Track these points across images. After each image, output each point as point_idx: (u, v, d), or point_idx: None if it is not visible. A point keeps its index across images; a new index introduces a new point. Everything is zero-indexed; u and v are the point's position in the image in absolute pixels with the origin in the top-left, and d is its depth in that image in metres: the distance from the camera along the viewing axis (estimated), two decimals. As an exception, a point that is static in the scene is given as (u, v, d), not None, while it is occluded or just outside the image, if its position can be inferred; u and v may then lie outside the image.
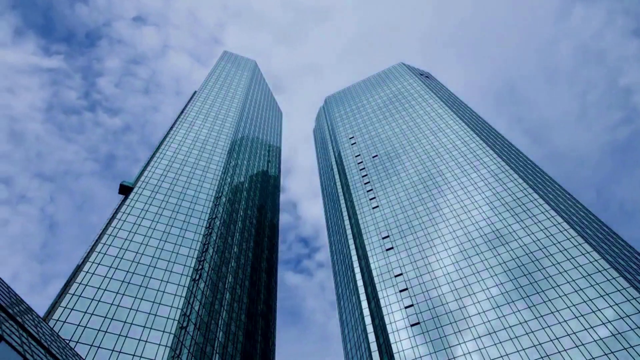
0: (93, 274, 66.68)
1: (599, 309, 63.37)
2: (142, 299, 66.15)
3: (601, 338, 59.84)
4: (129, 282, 67.92)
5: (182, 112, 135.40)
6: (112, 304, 63.16)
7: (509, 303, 71.20)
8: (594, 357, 58.10)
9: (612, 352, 57.58)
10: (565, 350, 60.57)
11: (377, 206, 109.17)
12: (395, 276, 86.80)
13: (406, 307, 79.24)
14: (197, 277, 75.59)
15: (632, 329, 59.03)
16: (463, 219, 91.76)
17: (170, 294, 68.98)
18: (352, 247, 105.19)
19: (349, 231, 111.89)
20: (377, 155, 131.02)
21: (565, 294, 67.72)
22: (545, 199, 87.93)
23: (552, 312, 66.32)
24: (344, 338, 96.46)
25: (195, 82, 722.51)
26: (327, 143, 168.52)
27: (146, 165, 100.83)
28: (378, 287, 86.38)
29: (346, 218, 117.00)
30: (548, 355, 61.40)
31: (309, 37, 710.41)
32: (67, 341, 54.91)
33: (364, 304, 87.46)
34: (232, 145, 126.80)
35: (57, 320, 57.46)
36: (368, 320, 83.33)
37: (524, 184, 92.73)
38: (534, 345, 63.46)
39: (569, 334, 62.27)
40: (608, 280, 66.46)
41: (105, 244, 73.12)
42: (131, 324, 61.54)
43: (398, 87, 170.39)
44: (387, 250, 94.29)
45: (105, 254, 71.10)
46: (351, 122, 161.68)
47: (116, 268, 69.43)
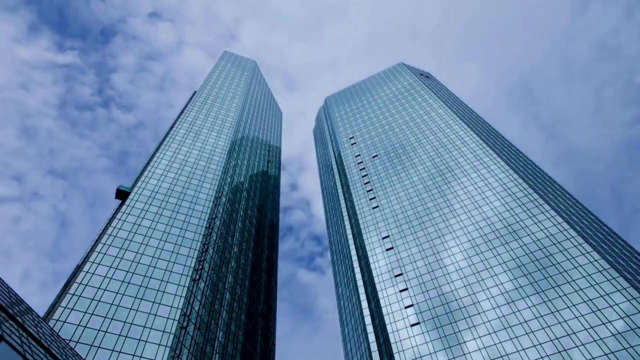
0: (93, 274, 66.69)
1: (599, 309, 63.40)
2: (142, 299, 66.17)
3: (601, 338, 59.86)
4: (129, 282, 67.93)
5: (182, 112, 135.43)
6: (112, 304, 63.17)
7: (508, 303, 71.25)
8: (593, 357, 58.12)
9: (612, 352, 57.60)
10: (565, 350, 60.61)
11: (377, 206, 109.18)
12: (395, 276, 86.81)
13: (406, 307, 79.26)
14: (197, 277, 75.60)
15: (632, 329, 59.04)
16: (463, 219, 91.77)
17: (170, 294, 68.99)
18: (352, 247, 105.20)
19: (349, 231, 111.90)
20: (377, 155, 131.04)
21: (565, 294, 67.74)
22: (545, 199, 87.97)
23: (552, 312, 66.36)
24: (344, 338, 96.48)
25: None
26: (327, 143, 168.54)
27: (146, 165, 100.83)
28: (378, 287, 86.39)
29: (346, 218, 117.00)
30: (548, 355, 61.47)
31: (325, 34, 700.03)
32: (67, 341, 54.92)
33: (364, 304, 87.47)
34: (232, 145, 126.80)
35: (57, 320, 57.47)
36: (368, 320, 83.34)
37: (523, 184, 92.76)
38: (534, 346, 63.52)
39: (568, 334, 62.30)
40: (608, 280, 66.48)
41: (105, 244, 73.13)
42: (131, 324, 61.55)
43: (398, 87, 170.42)
44: (387, 250, 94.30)
45: (105, 254, 71.11)
46: (351, 122, 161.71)
47: (116, 268, 69.44)
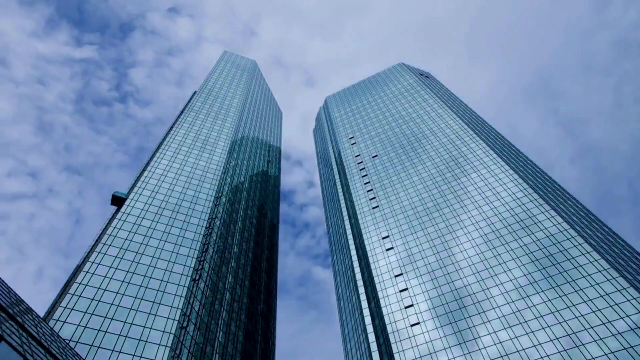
0: (93, 274, 66.68)
1: (599, 309, 63.40)
2: (142, 299, 66.16)
3: (601, 338, 59.85)
4: (129, 282, 67.93)
5: (182, 112, 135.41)
6: (112, 304, 63.16)
7: (512, 302, 71.25)
8: (594, 357, 58.12)
9: (612, 352, 57.60)
10: (566, 350, 60.61)
11: (377, 206, 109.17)
12: (395, 276, 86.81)
13: (406, 307, 79.26)
14: (197, 277, 75.59)
15: (632, 329, 59.04)
16: (463, 219, 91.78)
17: (170, 294, 68.98)
18: (352, 247, 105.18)
19: (349, 231, 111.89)
20: (377, 155, 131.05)
21: (565, 294, 67.75)
22: (545, 199, 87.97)
23: (552, 312, 66.37)
24: (344, 338, 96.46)
25: None
26: (327, 143, 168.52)
27: (146, 165, 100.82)
28: (378, 287, 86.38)
29: (346, 218, 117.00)
30: (548, 355, 61.48)
31: (344, 30, 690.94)
32: (67, 341, 54.91)
33: (364, 304, 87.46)
34: (232, 145, 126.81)
35: (57, 320, 57.46)
36: (368, 320, 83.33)
37: (523, 184, 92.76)
38: (534, 346, 63.52)
39: (568, 334, 62.30)
40: (608, 280, 66.48)
41: (105, 244, 73.12)
42: (131, 324, 61.55)
43: (398, 87, 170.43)
44: (387, 250, 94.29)
45: (105, 254, 71.10)
46: (351, 122, 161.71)
47: (116, 268, 69.43)
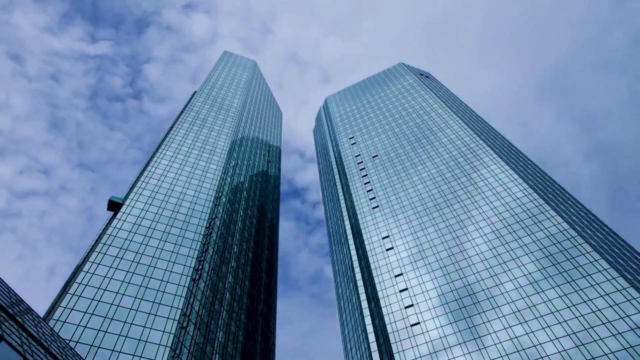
0: (93, 274, 66.69)
1: (599, 309, 63.39)
2: (142, 299, 66.17)
3: (601, 338, 59.86)
4: (129, 282, 67.93)
5: (182, 112, 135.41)
6: (112, 304, 63.17)
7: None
8: (593, 357, 58.13)
9: (612, 352, 57.61)
10: (566, 350, 60.62)
11: (377, 206, 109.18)
12: (395, 276, 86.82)
13: (406, 307, 79.26)
14: (197, 277, 75.59)
15: (632, 329, 59.04)
16: (463, 219, 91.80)
17: (170, 294, 68.99)
18: (352, 247, 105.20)
19: (349, 231, 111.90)
20: (377, 155, 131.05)
21: (565, 294, 67.75)
22: (545, 199, 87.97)
23: (552, 312, 66.36)
24: (344, 338, 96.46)
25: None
26: (327, 143, 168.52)
27: (146, 165, 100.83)
28: (378, 287, 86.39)
29: (346, 218, 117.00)
30: (548, 355, 61.49)
31: (360, 28, 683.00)
32: (67, 341, 54.91)
33: (364, 304, 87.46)
34: (232, 145, 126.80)
35: (57, 320, 57.47)
36: (368, 320, 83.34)
37: (523, 184, 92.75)
38: (534, 346, 63.52)
39: (568, 334, 62.31)
40: (608, 280, 66.48)
41: (105, 244, 73.13)
42: (131, 324, 61.55)
43: (398, 87, 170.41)
44: (387, 250, 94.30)
45: (105, 254, 71.11)
46: (351, 122, 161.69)
47: (116, 268, 69.44)
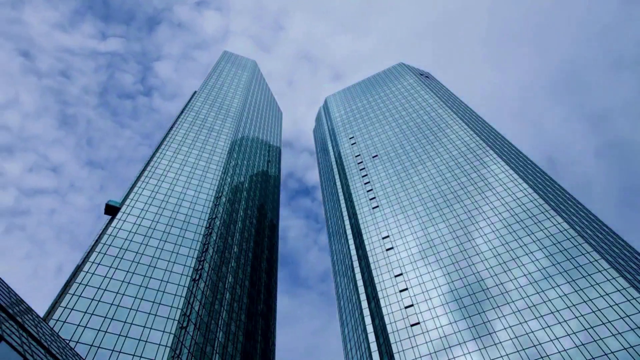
0: (93, 274, 66.69)
1: (599, 309, 63.40)
2: (142, 299, 66.17)
3: (601, 338, 59.86)
4: (129, 282, 67.94)
5: (182, 112, 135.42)
6: (112, 304, 63.18)
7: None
8: (593, 357, 58.13)
9: (612, 352, 57.61)
10: (566, 350, 60.63)
11: (377, 206, 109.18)
12: (395, 276, 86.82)
13: (406, 307, 79.26)
14: (197, 277, 75.60)
15: (632, 328, 59.04)
16: (463, 219, 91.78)
17: (170, 294, 69.00)
18: (352, 247, 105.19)
19: (349, 231, 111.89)
20: (377, 155, 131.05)
21: (565, 294, 67.75)
22: (544, 199, 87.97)
23: (552, 312, 66.36)
24: (344, 338, 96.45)
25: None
26: (327, 143, 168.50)
27: (146, 165, 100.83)
28: (378, 287, 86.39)
29: (346, 218, 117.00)
30: (549, 355, 61.46)
31: (372, 25, 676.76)
32: (67, 341, 54.91)
33: (364, 304, 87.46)
34: (232, 145, 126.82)
35: (57, 320, 57.47)
36: (368, 320, 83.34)
37: (523, 184, 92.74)
38: (533, 346, 63.50)
39: (568, 334, 62.30)
40: (608, 280, 66.47)
41: (105, 244, 73.13)
42: (131, 324, 61.56)
43: (398, 87, 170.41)
44: (387, 250, 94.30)
45: (105, 254, 71.12)
46: (351, 122, 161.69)
47: (116, 268, 69.44)
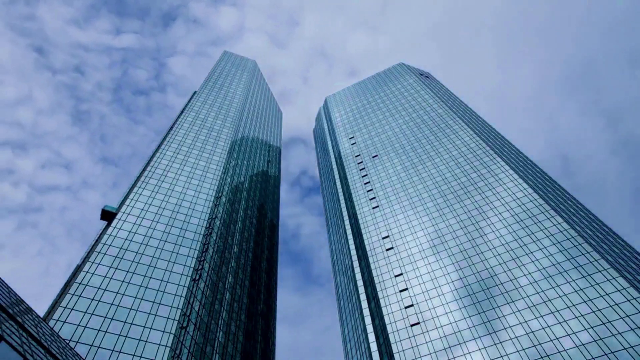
0: (93, 274, 66.69)
1: (599, 309, 63.40)
2: (142, 299, 66.18)
3: (601, 338, 59.86)
4: (129, 282, 67.94)
5: (182, 112, 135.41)
6: (112, 304, 63.18)
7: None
8: (593, 357, 58.12)
9: (612, 352, 57.60)
10: (565, 350, 60.62)
11: (377, 206, 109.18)
12: (395, 276, 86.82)
13: (406, 307, 79.27)
14: (197, 277, 75.60)
15: (632, 328, 59.03)
16: (463, 219, 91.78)
17: (170, 294, 68.99)
18: (352, 247, 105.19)
19: (349, 231, 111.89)
20: (377, 155, 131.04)
21: (565, 294, 67.76)
22: (545, 198, 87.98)
23: (552, 313, 66.37)
24: (344, 338, 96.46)
25: (271, 65, 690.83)
26: (327, 143, 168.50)
27: (146, 165, 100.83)
28: (378, 287, 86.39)
29: (346, 218, 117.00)
30: (549, 355, 61.45)
31: (388, 21, 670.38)
32: (67, 341, 54.92)
33: (364, 304, 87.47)
34: (232, 145, 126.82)
35: (57, 320, 57.47)
36: (368, 320, 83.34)
37: (523, 184, 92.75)
38: (533, 346, 63.52)
39: (568, 334, 62.30)
40: (608, 280, 66.48)
41: (105, 244, 73.13)
42: (131, 324, 61.56)
43: (398, 87, 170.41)
44: (387, 250, 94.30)
45: (105, 254, 71.12)
46: (351, 122, 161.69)
47: (116, 268, 69.44)
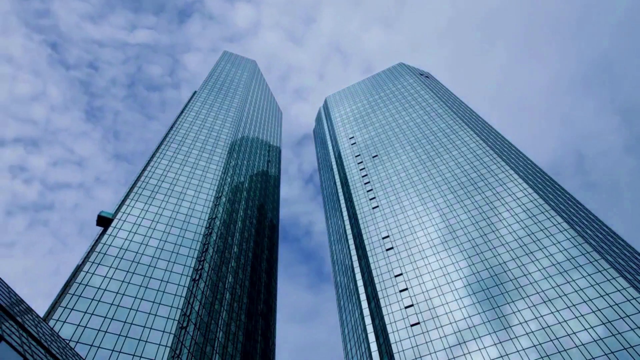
0: (93, 274, 66.68)
1: (599, 309, 63.40)
2: (142, 299, 66.17)
3: (601, 338, 59.84)
4: (129, 282, 67.93)
5: (182, 112, 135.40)
6: (112, 304, 63.17)
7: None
8: (593, 357, 58.11)
9: (612, 352, 57.59)
10: (566, 350, 60.61)
11: (377, 206, 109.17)
12: (395, 276, 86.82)
13: (406, 307, 79.26)
14: (197, 277, 75.59)
15: (632, 329, 59.03)
16: (463, 219, 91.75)
17: (170, 294, 68.99)
18: (352, 247, 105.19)
19: (349, 231, 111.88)
20: (377, 155, 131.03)
21: (565, 294, 67.75)
22: (545, 199, 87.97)
23: (552, 312, 66.36)
24: (344, 338, 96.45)
25: (287, 61, 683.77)
26: (327, 143, 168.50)
27: (146, 165, 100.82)
28: (378, 287, 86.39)
29: (346, 218, 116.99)
30: (548, 355, 61.44)
31: (404, 18, 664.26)
32: (67, 341, 54.91)
33: (364, 304, 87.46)
34: (232, 145, 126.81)
35: (57, 320, 57.47)
36: (368, 320, 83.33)
37: (523, 184, 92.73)
38: (534, 345, 63.51)
39: (568, 334, 62.30)
40: (608, 280, 66.48)
41: (105, 244, 73.12)
42: (131, 324, 61.55)
43: (398, 87, 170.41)
44: (387, 250, 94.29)
45: (105, 254, 71.10)
46: (351, 122, 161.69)
47: (116, 268, 69.44)
